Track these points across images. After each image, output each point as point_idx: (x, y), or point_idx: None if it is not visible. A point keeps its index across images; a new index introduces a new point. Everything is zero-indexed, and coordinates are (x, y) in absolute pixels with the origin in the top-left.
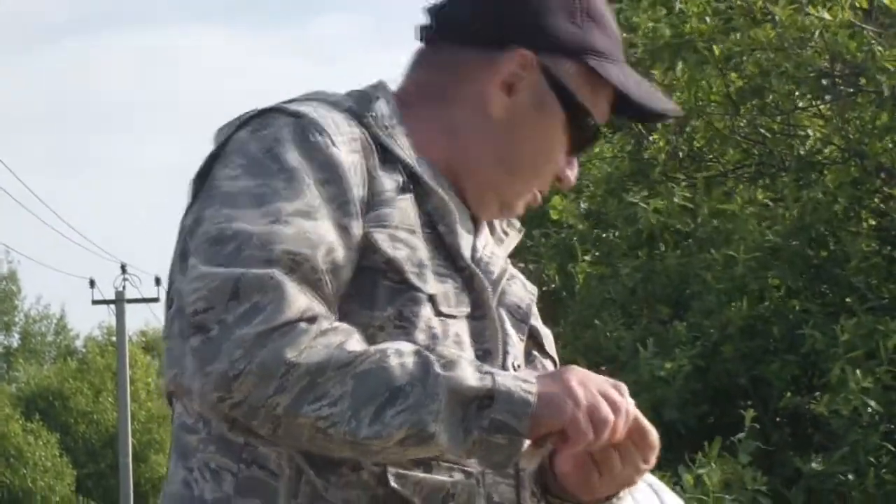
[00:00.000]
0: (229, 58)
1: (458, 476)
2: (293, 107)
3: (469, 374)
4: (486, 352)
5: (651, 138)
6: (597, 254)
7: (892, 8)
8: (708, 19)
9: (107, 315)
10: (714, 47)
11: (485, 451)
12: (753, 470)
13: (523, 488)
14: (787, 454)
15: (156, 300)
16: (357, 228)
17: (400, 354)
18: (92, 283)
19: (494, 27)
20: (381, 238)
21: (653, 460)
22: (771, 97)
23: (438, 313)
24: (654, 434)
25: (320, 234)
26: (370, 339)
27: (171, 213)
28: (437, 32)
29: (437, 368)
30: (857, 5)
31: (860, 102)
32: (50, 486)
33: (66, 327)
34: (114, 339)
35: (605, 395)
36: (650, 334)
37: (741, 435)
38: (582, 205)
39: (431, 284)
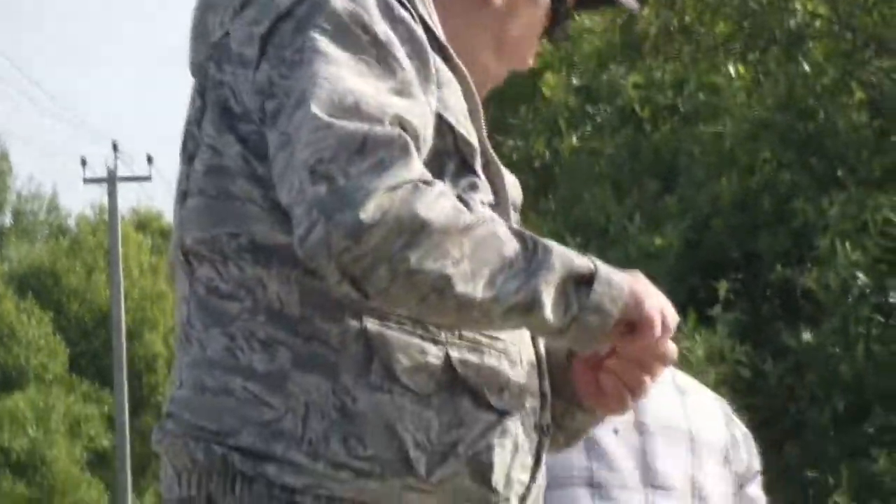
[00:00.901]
0: None
1: (505, 363)
2: None
3: (572, 253)
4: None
5: (642, 12)
6: (586, 130)
7: None
8: None
9: (99, 194)
10: None
11: (577, 330)
12: (732, 341)
13: (544, 377)
14: (777, 327)
15: (148, 178)
16: (434, 104)
17: (509, 227)
18: (83, 162)
19: None
20: (455, 121)
21: (657, 372)
22: None
23: (482, 202)
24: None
25: (415, 111)
26: None
27: (162, 92)
28: None
29: (546, 242)
30: None
31: None
32: (43, 365)
33: (57, 206)
34: (106, 217)
35: (666, 303)
36: (639, 209)
37: (718, 308)
38: (574, 80)
39: (480, 171)
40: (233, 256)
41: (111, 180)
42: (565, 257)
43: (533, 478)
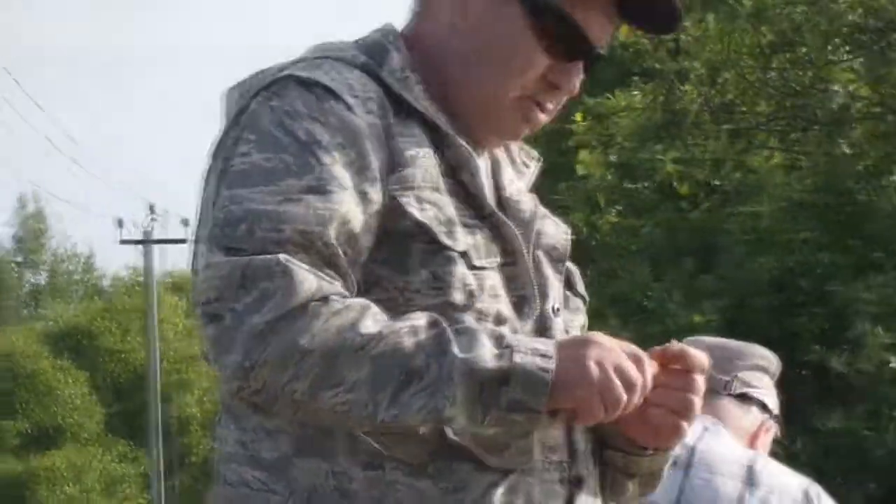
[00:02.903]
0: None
1: None
2: (305, 73)
3: (486, 351)
4: (522, 298)
5: (683, 89)
6: (622, 206)
7: None
8: None
9: (134, 255)
10: (744, 0)
11: (507, 426)
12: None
13: (574, 430)
14: (811, 408)
15: (183, 241)
16: (376, 193)
17: (415, 333)
18: (119, 223)
19: None
20: (407, 202)
21: (701, 386)
22: (803, 50)
23: (472, 267)
24: (699, 359)
25: (332, 208)
26: (406, 304)
27: (200, 153)
28: None
29: (454, 348)
30: None
31: (893, 57)
32: (79, 424)
33: (93, 266)
34: (140, 279)
35: (620, 372)
36: (677, 286)
37: None
38: (611, 157)
39: (461, 240)
40: None
41: (147, 242)
42: (472, 363)
43: None
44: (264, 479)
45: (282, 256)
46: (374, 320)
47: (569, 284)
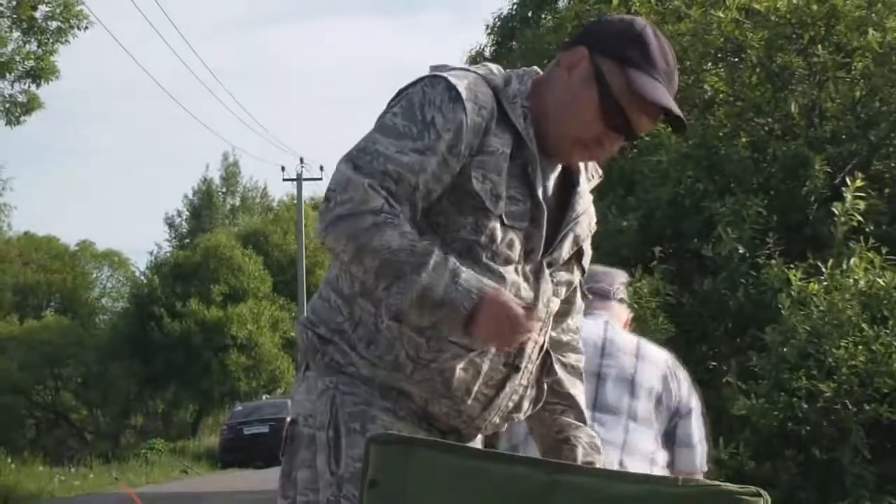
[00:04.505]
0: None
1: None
2: (454, 79)
3: (441, 283)
4: (531, 250)
5: None
6: None
7: None
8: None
9: (291, 188)
10: None
11: (437, 328)
12: (665, 283)
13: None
14: (692, 276)
15: (320, 179)
16: (456, 164)
17: (413, 254)
18: (282, 168)
19: (582, 36)
20: (475, 175)
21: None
22: (687, 63)
23: (503, 225)
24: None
25: (424, 166)
26: (454, 233)
27: (338, 118)
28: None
29: (423, 275)
30: None
31: (741, 67)
32: (256, 287)
33: (266, 194)
34: (294, 202)
35: (510, 319)
36: (614, 204)
37: (655, 263)
38: None
39: (501, 207)
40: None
41: (299, 180)
42: (427, 290)
43: (498, 394)
44: (339, 302)
45: (368, 181)
46: (399, 235)
47: (579, 258)
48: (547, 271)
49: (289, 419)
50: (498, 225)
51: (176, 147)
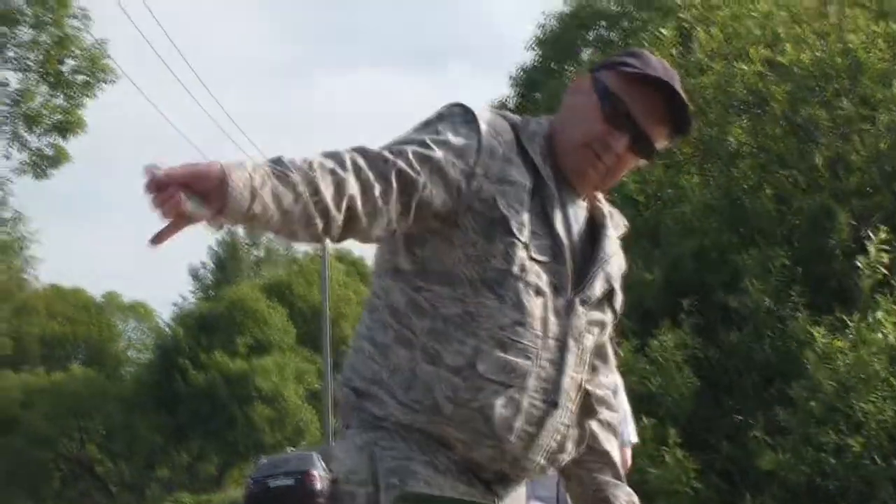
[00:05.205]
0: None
1: (521, 357)
2: (478, 112)
3: (244, 179)
4: (561, 286)
5: None
6: None
7: None
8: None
9: None
10: None
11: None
12: (692, 336)
13: (563, 374)
14: (717, 329)
15: None
16: (461, 176)
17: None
18: None
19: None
20: (501, 202)
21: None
22: (711, 115)
23: (530, 256)
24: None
25: (433, 155)
26: (485, 262)
27: None
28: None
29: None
30: None
31: (765, 119)
32: (281, 339)
33: (290, 246)
34: (319, 254)
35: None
36: (639, 256)
37: (682, 316)
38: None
39: (526, 237)
40: (380, 274)
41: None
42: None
43: (539, 432)
44: (373, 351)
45: (391, 157)
46: (340, 176)
47: (610, 299)
48: (580, 308)
49: (330, 478)
50: (525, 255)
51: None
